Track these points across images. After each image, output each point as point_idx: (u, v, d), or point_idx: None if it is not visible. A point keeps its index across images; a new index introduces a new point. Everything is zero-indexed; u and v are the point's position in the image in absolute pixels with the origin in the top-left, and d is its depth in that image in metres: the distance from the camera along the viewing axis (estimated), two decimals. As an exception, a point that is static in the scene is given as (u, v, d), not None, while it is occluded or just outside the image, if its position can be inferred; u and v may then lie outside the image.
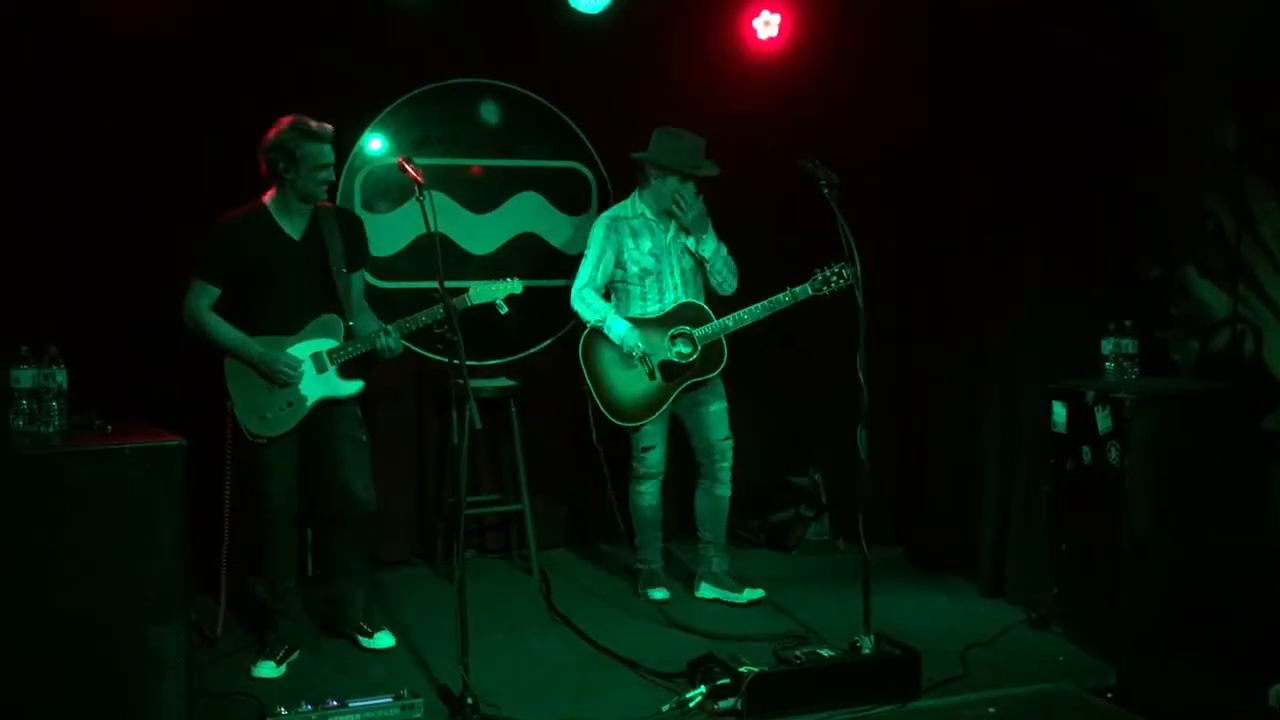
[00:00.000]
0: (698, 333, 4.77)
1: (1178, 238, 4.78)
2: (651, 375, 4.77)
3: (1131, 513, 4.16)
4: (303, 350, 4.14)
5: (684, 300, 4.85)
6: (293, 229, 4.15)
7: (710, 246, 4.85)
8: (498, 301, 4.43)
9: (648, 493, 4.94)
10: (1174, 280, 4.80)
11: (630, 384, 4.79)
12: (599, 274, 4.86)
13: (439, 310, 4.12)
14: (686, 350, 4.76)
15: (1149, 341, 4.70)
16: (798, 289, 4.66)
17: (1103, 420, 4.27)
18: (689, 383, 4.80)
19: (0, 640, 3.08)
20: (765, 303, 4.71)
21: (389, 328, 4.20)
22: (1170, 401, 4.30)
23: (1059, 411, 4.50)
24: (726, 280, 4.91)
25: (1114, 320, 4.60)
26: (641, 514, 4.96)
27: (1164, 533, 4.18)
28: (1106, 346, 4.58)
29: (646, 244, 4.83)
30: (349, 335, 4.19)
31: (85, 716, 3.18)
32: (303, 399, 4.12)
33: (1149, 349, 4.68)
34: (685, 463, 5.16)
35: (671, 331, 4.78)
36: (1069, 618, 4.47)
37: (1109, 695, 3.94)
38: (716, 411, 4.94)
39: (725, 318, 4.76)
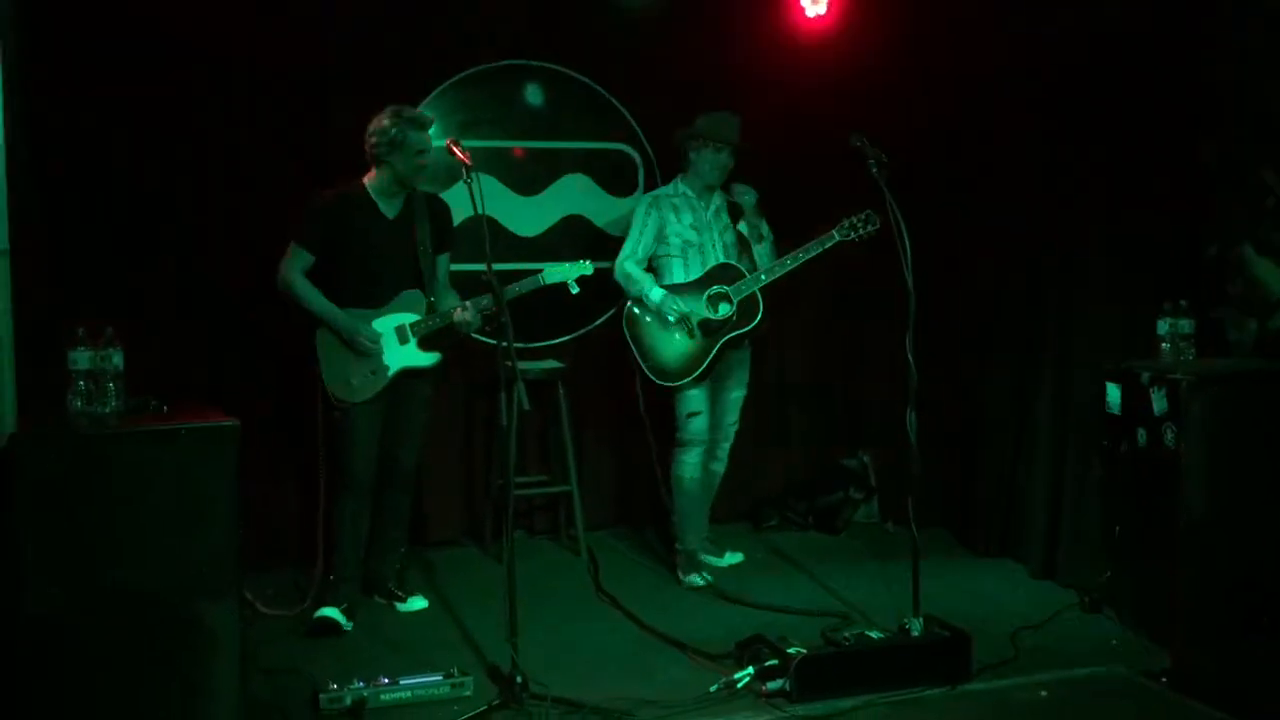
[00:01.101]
0: (733, 290, 4.85)
1: (1235, 215, 4.68)
2: (691, 334, 4.86)
3: (1187, 495, 4.10)
4: (387, 323, 4.37)
5: (721, 262, 4.94)
6: (388, 209, 4.39)
7: (768, 230, 5.01)
8: (569, 281, 4.58)
9: (691, 463, 4.97)
10: (1231, 258, 4.70)
11: (672, 345, 4.89)
12: (640, 248, 4.95)
13: (512, 289, 4.42)
14: (725, 309, 4.84)
15: (1205, 321, 4.62)
16: (824, 237, 4.80)
17: (1158, 402, 4.20)
18: (729, 337, 4.87)
19: (56, 618, 3.13)
20: (795, 253, 4.83)
21: (466, 304, 4.40)
22: (1227, 382, 4.23)
23: (1113, 393, 4.43)
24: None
25: (1169, 300, 4.53)
26: (683, 486, 4.99)
27: (1221, 516, 4.12)
28: (1162, 327, 4.51)
29: (688, 218, 4.95)
30: (431, 310, 4.41)
31: (141, 693, 3.22)
32: (385, 368, 4.35)
33: (1205, 329, 4.59)
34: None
35: (709, 292, 4.87)
36: (1122, 601, 4.42)
37: (1163, 679, 3.90)
38: (736, 399, 5.11)
39: (759, 271, 4.88)
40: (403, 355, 4.39)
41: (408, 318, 4.40)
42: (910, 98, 5.59)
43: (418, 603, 4.62)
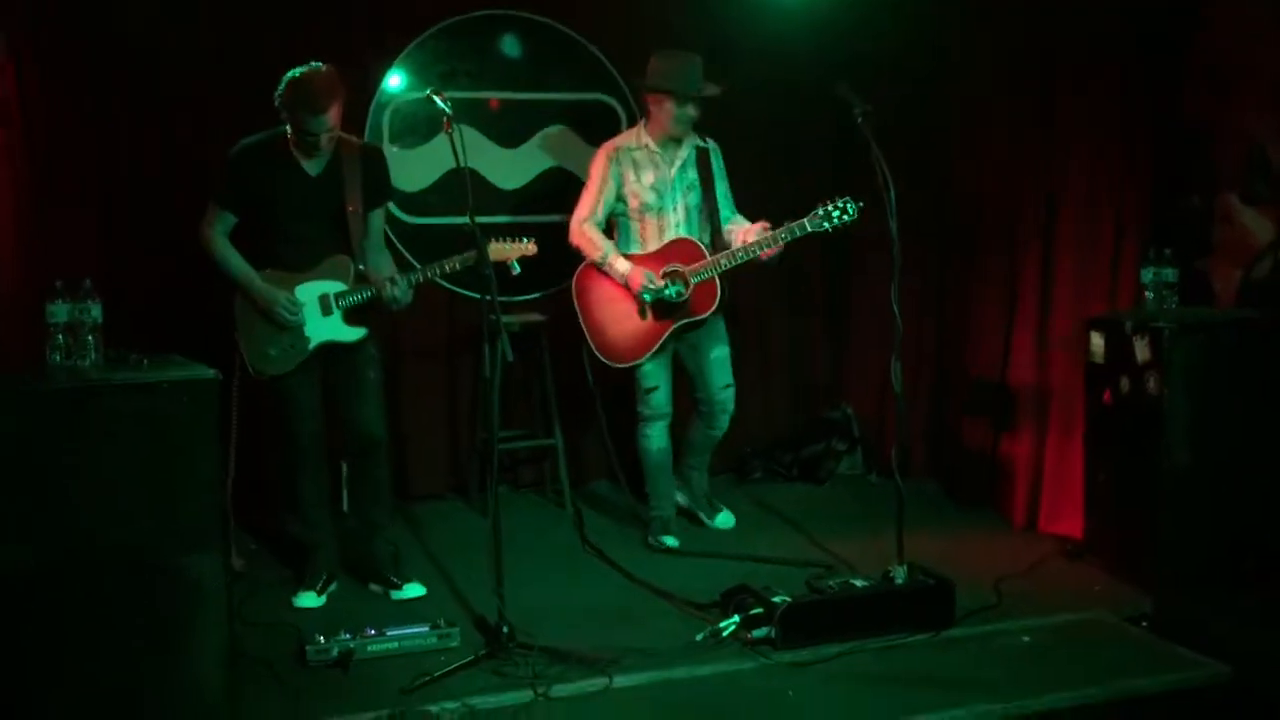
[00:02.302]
0: (690, 271, 4.56)
1: (1220, 164, 4.68)
2: (642, 314, 4.61)
3: (1170, 443, 4.12)
4: (310, 291, 4.08)
5: (673, 236, 4.63)
6: (310, 165, 4.05)
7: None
8: (511, 263, 4.28)
9: (655, 436, 4.75)
10: (1216, 207, 4.71)
11: (620, 322, 4.63)
12: (600, 207, 4.64)
13: (461, 259, 4.10)
14: (678, 289, 4.55)
15: (1189, 270, 4.63)
16: (795, 225, 4.40)
17: (1141, 350, 4.21)
18: (682, 323, 4.60)
19: (41, 572, 3.11)
20: (761, 240, 4.46)
21: (397, 277, 4.09)
22: (1210, 331, 4.24)
23: (1096, 341, 4.44)
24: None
25: (1153, 248, 4.53)
26: (650, 458, 4.79)
27: (1203, 463, 4.15)
28: (1146, 275, 4.52)
29: (648, 176, 4.61)
30: (359, 279, 4.11)
31: (128, 646, 3.21)
32: (305, 340, 4.08)
33: (1189, 278, 4.61)
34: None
35: (665, 269, 4.56)
36: (1105, 548, 4.45)
37: (1144, 624, 3.95)
38: (717, 359, 4.76)
39: (719, 255, 4.52)
40: (325, 328, 4.08)
41: (333, 286, 4.08)
42: (894, 51, 5.54)
43: (414, 589, 4.26)
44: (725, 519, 5.06)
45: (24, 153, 4.46)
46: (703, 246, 4.60)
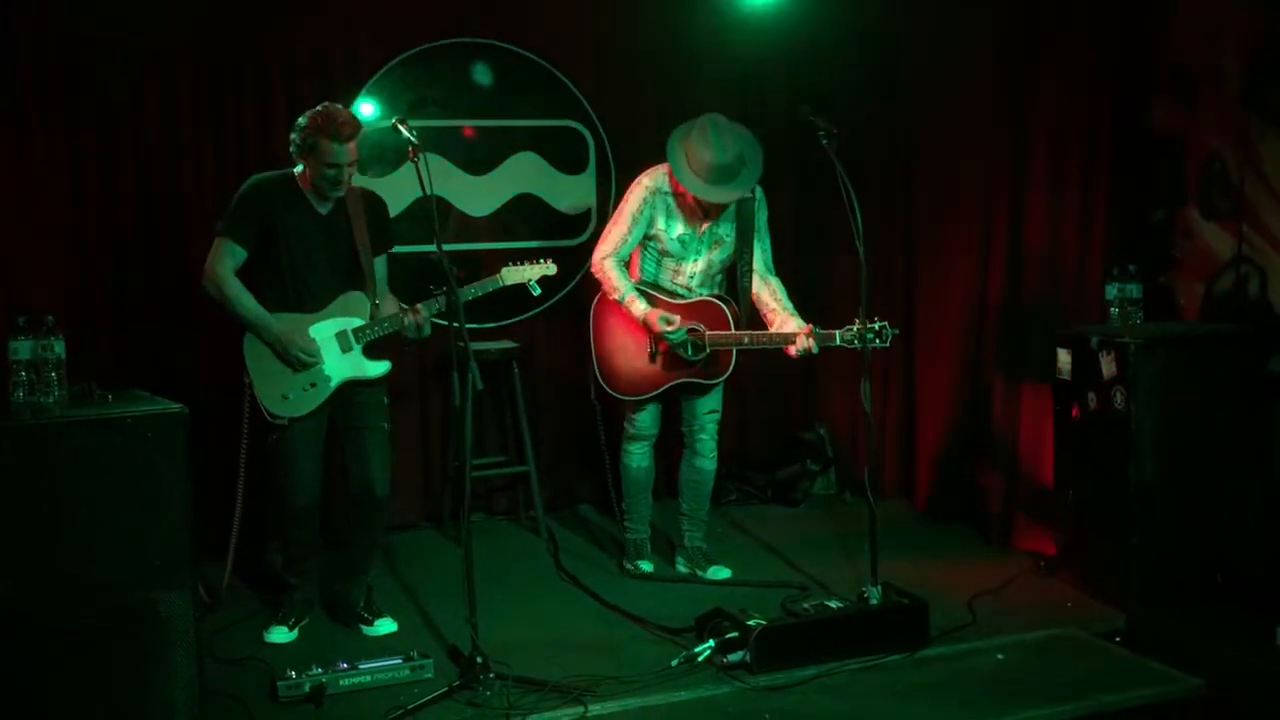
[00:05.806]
0: (710, 339, 4.43)
1: (1181, 180, 4.73)
2: (652, 358, 4.52)
3: (1138, 457, 4.15)
4: (326, 329, 3.99)
5: (702, 296, 4.49)
6: (320, 205, 3.99)
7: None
8: (530, 283, 4.23)
9: (637, 454, 4.70)
10: (1177, 223, 4.76)
11: (629, 359, 4.54)
12: (626, 245, 4.47)
13: (479, 286, 4.10)
14: (695, 349, 4.44)
15: (1153, 286, 4.68)
16: (826, 334, 4.23)
17: (1107, 366, 4.24)
18: (688, 382, 4.51)
19: (8, 610, 3.09)
20: (787, 333, 4.33)
21: (419, 305, 4.02)
22: (1175, 345, 4.28)
23: (1063, 358, 4.48)
24: None
25: (1117, 265, 4.58)
26: (630, 475, 4.75)
27: (1171, 476, 4.18)
28: (1110, 291, 4.57)
29: (676, 228, 4.45)
30: (375, 314, 4.04)
31: (96, 683, 3.19)
32: (326, 379, 3.98)
33: (1153, 293, 4.66)
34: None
35: (688, 325, 4.44)
36: (1076, 564, 4.47)
37: (1117, 639, 3.97)
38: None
39: (744, 333, 4.40)
40: (346, 365, 3.99)
41: (350, 322, 4.00)
42: (859, 71, 5.59)
43: (386, 625, 4.17)
44: (717, 571, 4.72)
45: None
46: (730, 316, 4.43)
